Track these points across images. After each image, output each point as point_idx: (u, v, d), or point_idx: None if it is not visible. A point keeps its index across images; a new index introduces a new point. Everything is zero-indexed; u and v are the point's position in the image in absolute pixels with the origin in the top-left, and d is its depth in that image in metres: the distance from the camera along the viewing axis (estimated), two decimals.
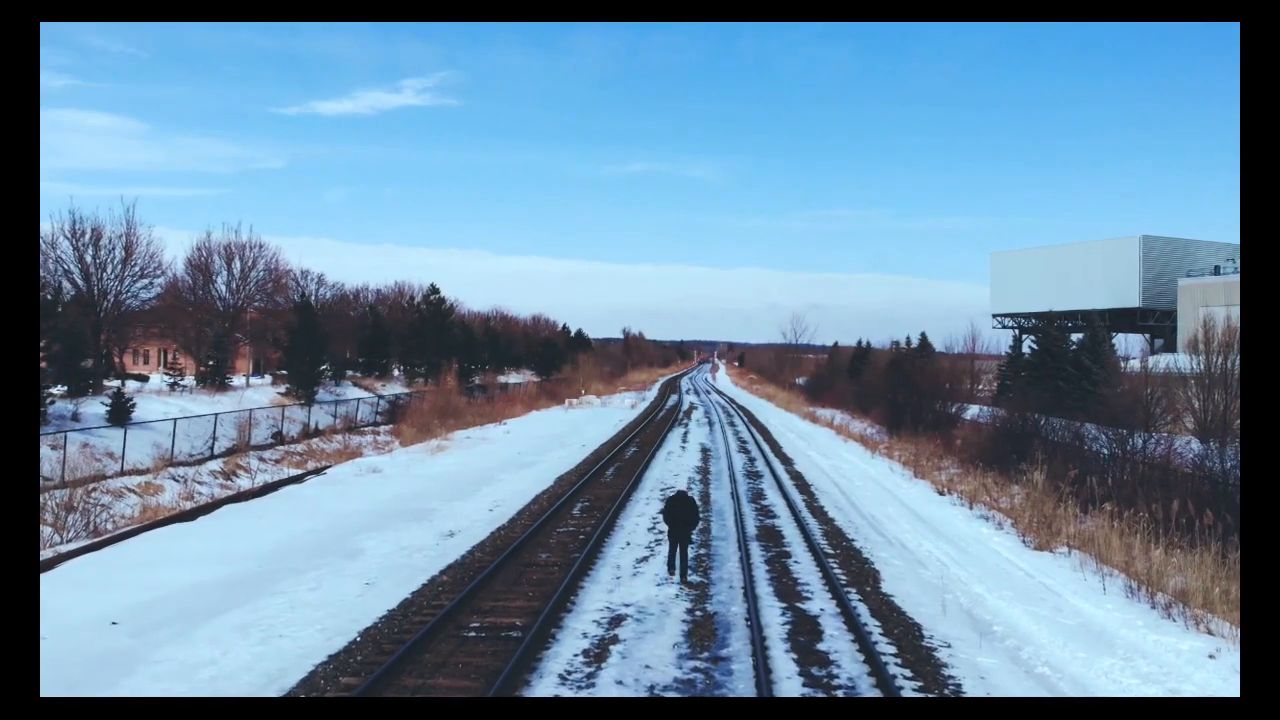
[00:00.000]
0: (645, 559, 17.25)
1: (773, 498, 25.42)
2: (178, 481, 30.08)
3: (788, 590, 15.23)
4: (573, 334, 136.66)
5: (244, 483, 31.88)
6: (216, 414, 34.50)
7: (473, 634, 12.66)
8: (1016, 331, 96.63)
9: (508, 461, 33.35)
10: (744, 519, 21.48)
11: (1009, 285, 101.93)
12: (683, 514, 15.80)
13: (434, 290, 67.53)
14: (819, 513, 23.46)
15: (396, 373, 68.16)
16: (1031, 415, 35.21)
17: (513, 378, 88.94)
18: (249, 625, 13.14)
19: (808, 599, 14.74)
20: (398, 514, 22.38)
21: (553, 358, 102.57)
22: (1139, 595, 16.01)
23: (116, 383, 43.67)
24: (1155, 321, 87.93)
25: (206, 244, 50.61)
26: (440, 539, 19.48)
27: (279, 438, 38.94)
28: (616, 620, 13.35)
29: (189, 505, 25.49)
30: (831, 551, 18.56)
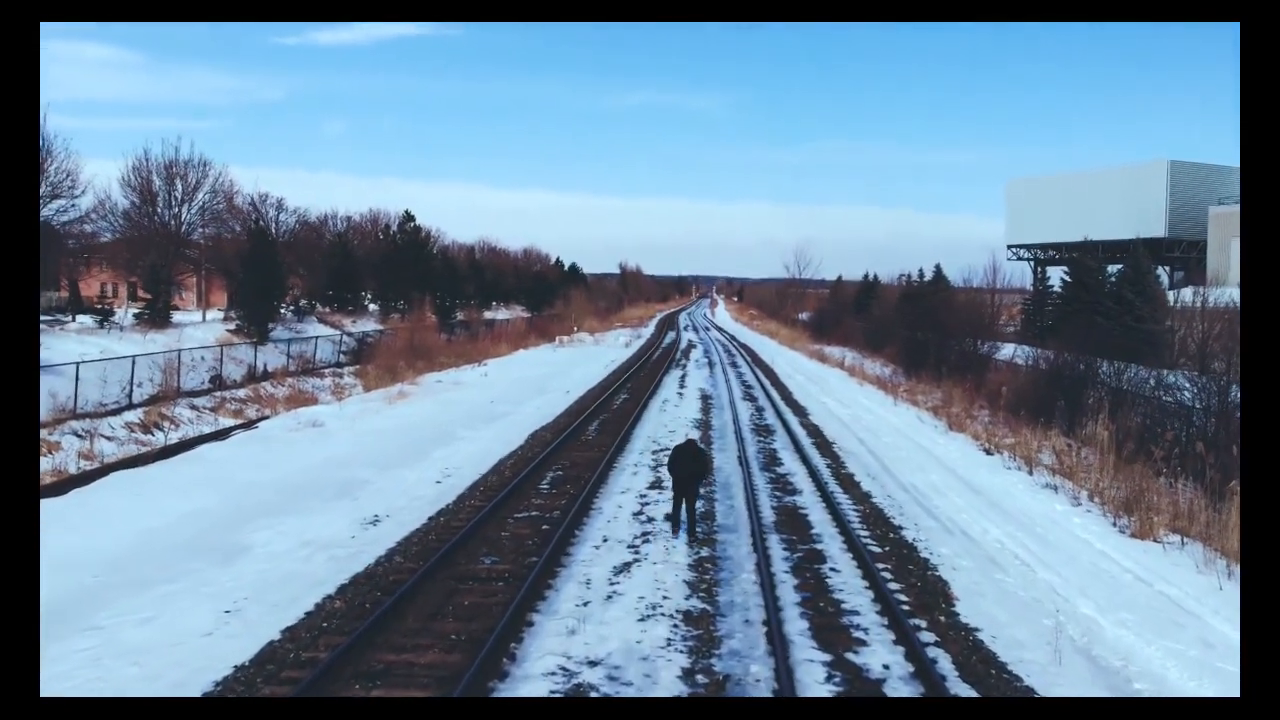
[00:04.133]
0: (627, 567, 12.51)
1: (790, 463, 20.70)
2: (81, 438, 25.34)
3: (830, 626, 10.54)
4: (566, 268, 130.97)
5: (170, 437, 27.16)
6: (135, 356, 29.60)
7: None
8: (1032, 264, 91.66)
9: (476, 412, 28.59)
10: (757, 497, 16.78)
11: (1026, 215, 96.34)
12: (690, 467, 14.28)
13: (409, 218, 61.83)
14: (848, 483, 18.77)
15: (372, 308, 63.11)
16: (1085, 356, 30.38)
17: (501, 313, 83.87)
18: None
19: (862, 643, 10.04)
20: (318, 487, 17.69)
21: (544, 293, 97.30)
22: None
23: (66, 318, 38.81)
24: (1181, 253, 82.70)
25: (144, 163, 45.10)
26: (359, 528, 14.78)
27: (218, 382, 34.10)
28: (576, 693, 8.66)
29: (76, 470, 20.78)
30: (877, 548, 13.88)
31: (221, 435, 24.56)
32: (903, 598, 11.62)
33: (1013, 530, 16.01)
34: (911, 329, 50.19)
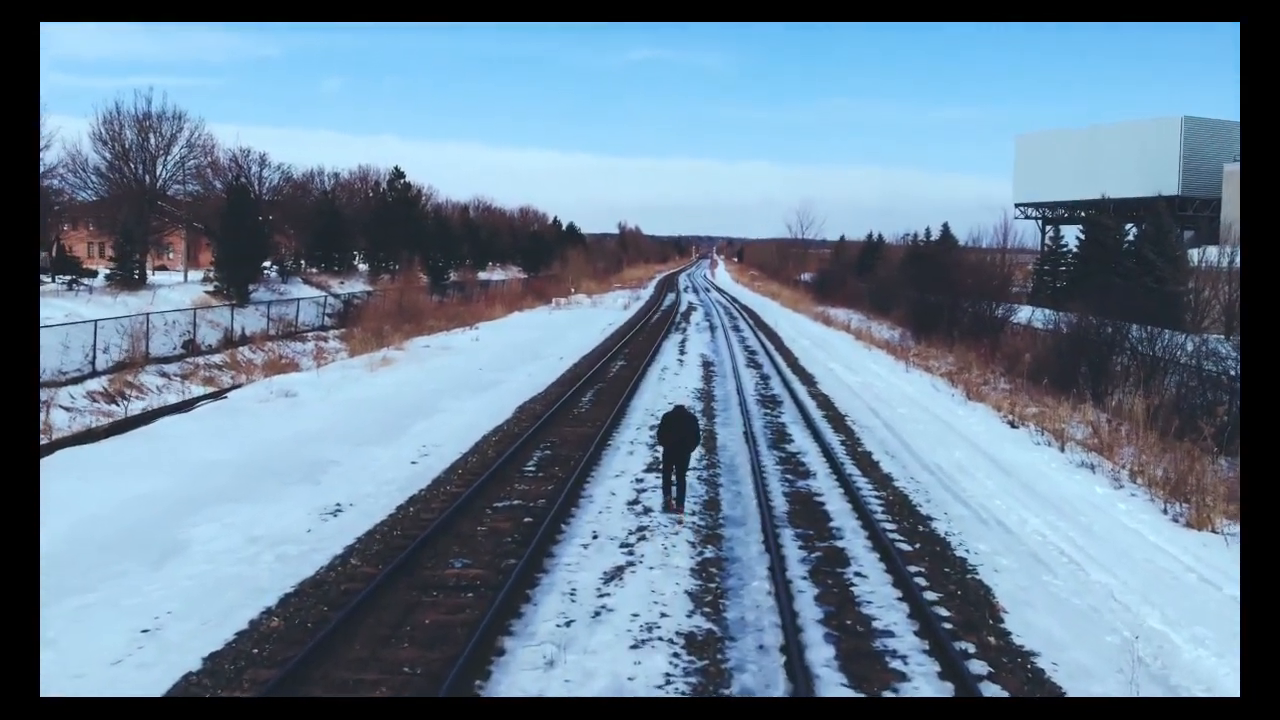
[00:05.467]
0: (620, 573, 10.76)
1: (800, 439, 18.94)
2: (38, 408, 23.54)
3: (861, 654, 8.79)
4: (564, 228, 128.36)
5: (133, 407, 25.39)
6: (98, 320, 27.70)
7: None
8: (1040, 223, 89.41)
9: (463, 380, 26.79)
10: (766, 481, 15.02)
11: (1035, 172, 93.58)
12: (680, 433, 13.26)
13: (399, 174, 59.45)
14: (866, 463, 17.03)
15: (362, 268, 61.08)
16: (1110, 319, 28.53)
17: (496, 274, 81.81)
18: None
19: (901, 676, 8.32)
20: (280, 469, 15.95)
21: (541, 253, 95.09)
22: None
23: (46, 279, 36.81)
24: (1194, 211, 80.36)
25: (116, 116, 42.75)
26: (317, 520, 13.04)
27: (191, 347, 32.25)
28: None
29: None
30: (906, 545, 12.15)
31: (185, 407, 22.77)
32: (942, 611, 9.89)
33: (1053, 519, 14.30)
34: (920, 290, 48.27)
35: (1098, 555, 12.62)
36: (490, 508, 13.42)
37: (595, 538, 11.97)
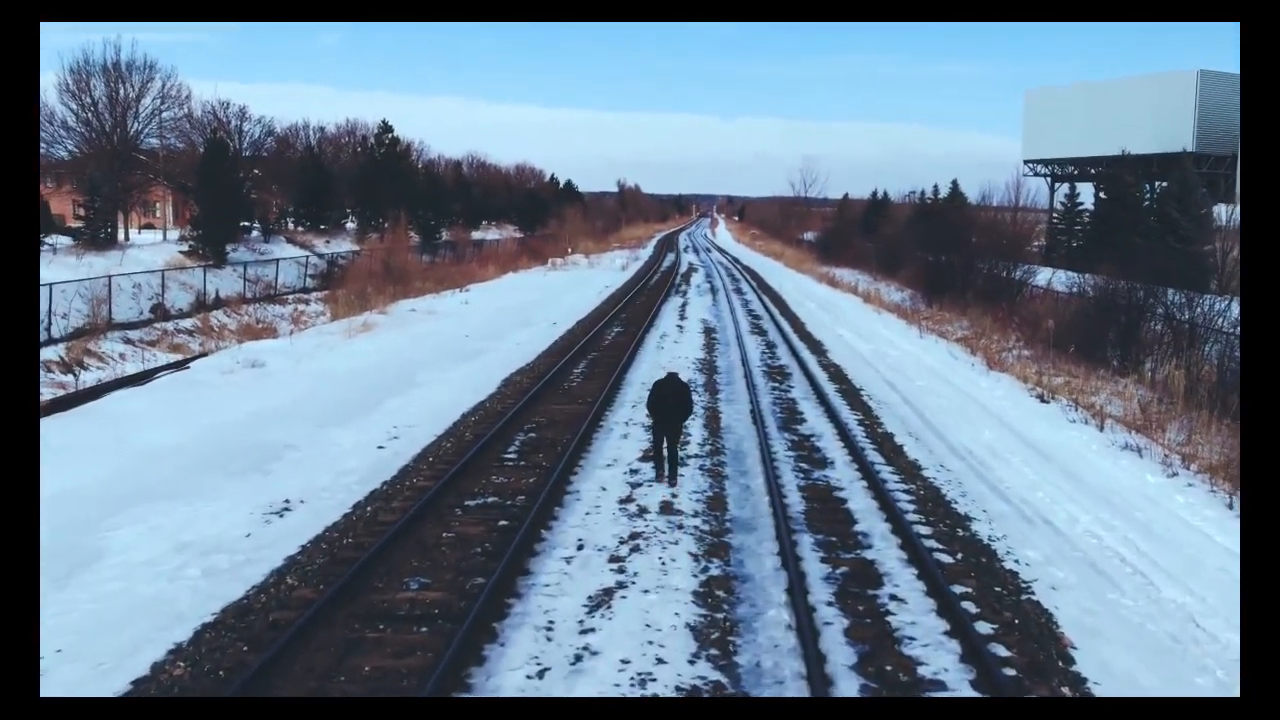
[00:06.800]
0: (608, 598, 8.94)
1: (813, 419, 17.11)
2: None
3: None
4: (561, 186, 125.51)
5: (89, 378, 23.58)
6: (53, 283, 25.71)
7: None
8: (1049, 180, 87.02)
9: (447, 349, 24.93)
10: (779, 472, 13.21)
11: (1045, 128, 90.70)
12: (672, 403, 12.54)
13: (387, 128, 56.89)
14: (888, 447, 15.22)
15: (351, 227, 58.87)
16: (1142, 282, 26.59)
17: (491, 233, 79.51)
18: None
19: None
20: (230, 455, 14.15)
21: (537, 212, 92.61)
22: None
23: None
24: (1209, 168, 77.90)
25: (83, 66, 40.30)
26: (259, 522, 11.25)
27: (160, 312, 30.30)
28: None
29: None
30: (946, 555, 10.35)
31: (141, 379, 20.92)
32: (1000, 649, 8.12)
33: (1105, 516, 12.51)
34: (931, 251, 46.22)
35: (1165, 564, 10.85)
36: (461, 506, 11.61)
37: (581, 548, 10.15)
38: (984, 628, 8.47)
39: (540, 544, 10.25)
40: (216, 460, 14.00)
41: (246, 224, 44.68)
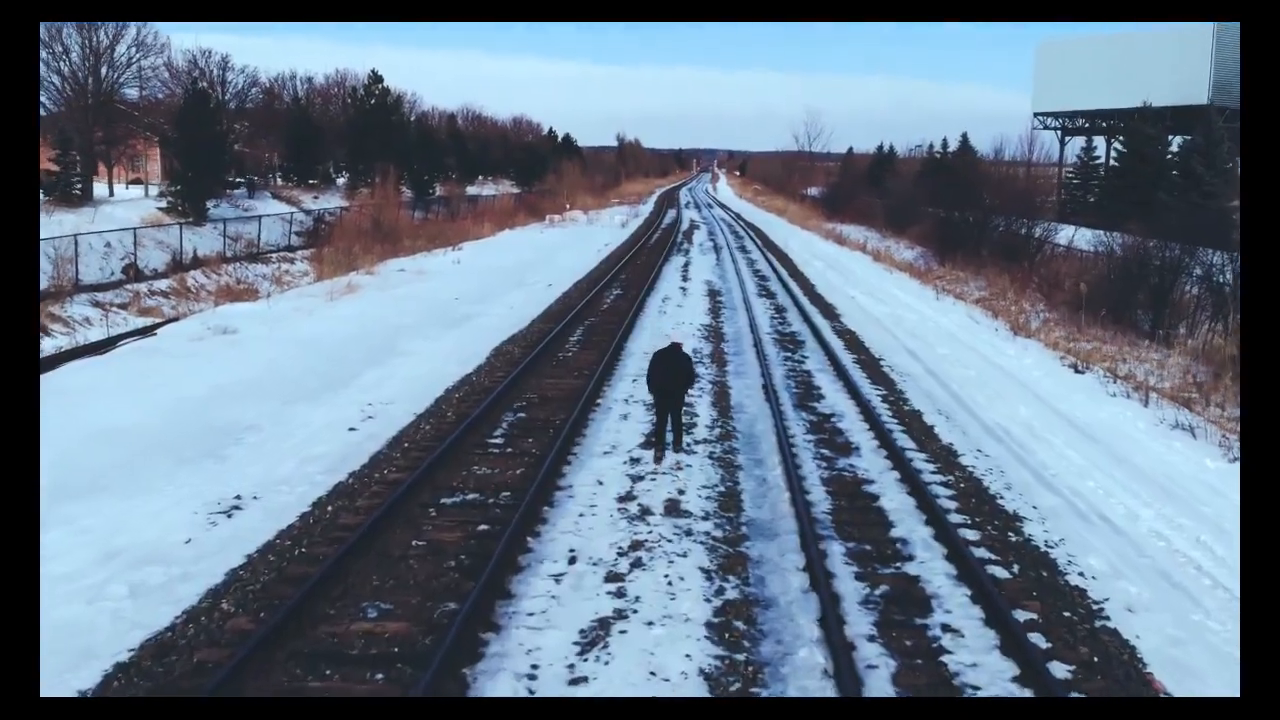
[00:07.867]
0: (605, 631, 7.44)
1: (832, 395, 15.58)
2: None
3: None
4: (560, 140, 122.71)
5: (48, 346, 22.01)
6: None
7: None
8: (1059, 133, 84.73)
9: (433, 313, 23.34)
10: (799, 462, 11.71)
11: (1056, 81, 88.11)
12: (673, 377, 11.70)
13: (376, 79, 54.54)
14: (918, 428, 13.70)
15: (340, 181, 56.87)
16: (1177, 241, 24.94)
17: (487, 189, 77.36)
18: None
19: None
20: (182, 438, 12.65)
21: (535, 166, 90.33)
22: None
23: None
24: (1225, 122, 75.71)
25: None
26: (204, 524, 9.75)
27: (132, 272, 28.64)
28: None
29: None
30: (1000, 568, 8.87)
31: (102, 348, 19.39)
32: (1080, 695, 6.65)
33: (1169, 512, 11.05)
34: (943, 207, 44.40)
35: None
36: (435, 506, 10.11)
37: (573, 562, 8.65)
38: (1059, 671, 7.01)
39: (525, 556, 8.75)
40: (169, 443, 12.49)
41: (232, 179, 42.72)
